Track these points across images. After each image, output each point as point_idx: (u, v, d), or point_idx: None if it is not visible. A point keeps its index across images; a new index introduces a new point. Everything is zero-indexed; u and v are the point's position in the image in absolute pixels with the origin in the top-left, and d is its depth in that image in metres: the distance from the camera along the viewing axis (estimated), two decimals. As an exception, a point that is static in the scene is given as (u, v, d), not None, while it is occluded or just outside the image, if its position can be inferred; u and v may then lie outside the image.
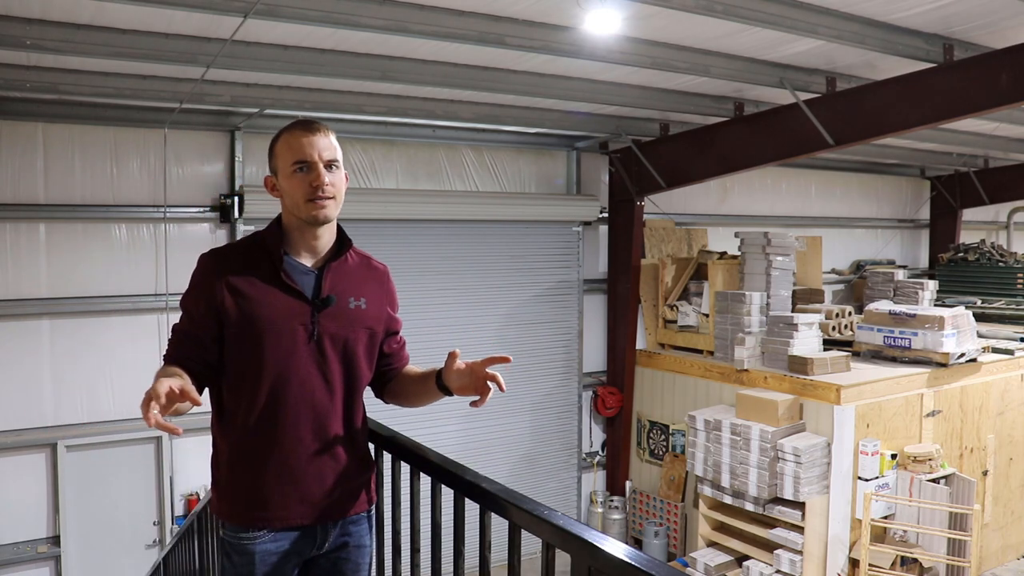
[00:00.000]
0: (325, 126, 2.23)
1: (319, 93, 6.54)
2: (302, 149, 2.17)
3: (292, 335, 2.19)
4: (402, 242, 7.84)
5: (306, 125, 2.21)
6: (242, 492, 2.23)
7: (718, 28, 5.16)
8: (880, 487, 6.84)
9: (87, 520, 6.69)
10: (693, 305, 8.77)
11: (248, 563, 2.23)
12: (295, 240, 2.26)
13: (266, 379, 2.18)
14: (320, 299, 2.23)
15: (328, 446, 2.26)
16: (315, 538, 2.28)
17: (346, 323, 2.28)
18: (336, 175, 2.22)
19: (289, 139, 2.20)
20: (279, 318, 2.16)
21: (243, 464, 2.22)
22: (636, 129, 8.24)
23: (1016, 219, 13.28)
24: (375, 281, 2.42)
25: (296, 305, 2.20)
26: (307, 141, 2.18)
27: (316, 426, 2.24)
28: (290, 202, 2.22)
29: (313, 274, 2.27)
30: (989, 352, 8.14)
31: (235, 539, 2.25)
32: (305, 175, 2.17)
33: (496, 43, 5.01)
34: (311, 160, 2.17)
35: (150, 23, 4.81)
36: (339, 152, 2.25)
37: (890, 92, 6.07)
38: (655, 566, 1.51)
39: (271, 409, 2.18)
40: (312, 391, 2.22)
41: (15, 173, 6.33)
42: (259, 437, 2.19)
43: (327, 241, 2.30)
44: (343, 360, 2.28)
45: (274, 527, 2.23)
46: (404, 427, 2.83)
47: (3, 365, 6.37)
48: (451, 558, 2.27)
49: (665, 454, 8.61)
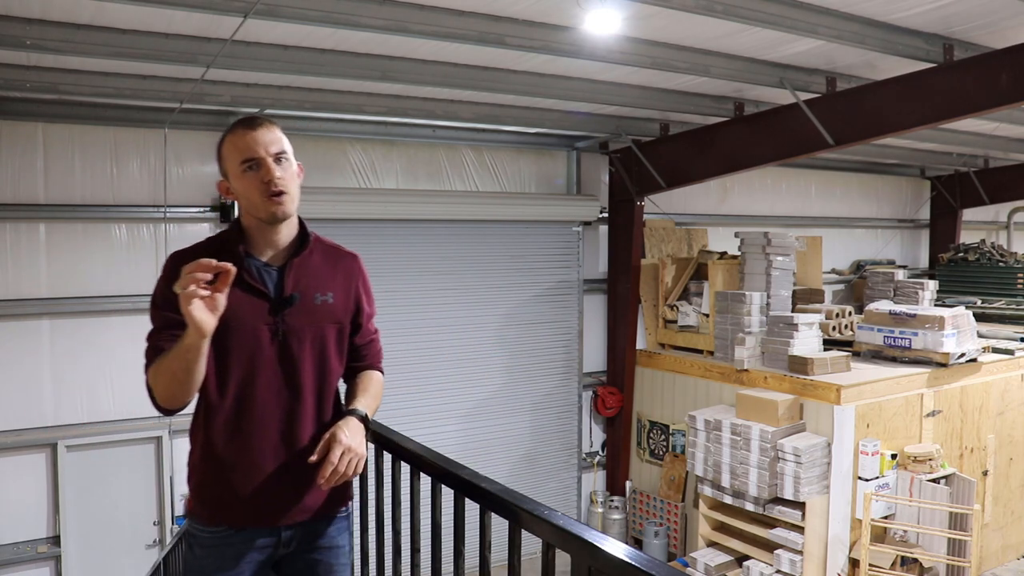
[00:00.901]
0: (269, 120, 2.20)
1: (319, 93, 6.54)
2: (247, 147, 2.14)
3: (256, 335, 2.17)
4: (402, 242, 7.84)
5: (248, 122, 2.18)
6: (208, 491, 2.25)
7: (718, 28, 5.15)
8: (880, 487, 6.84)
9: (87, 520, 6.69)
10: (693, 305, 8.77)
11: (209, 556, 2.24)
12: (255, 239, 2.23)
13: (232, 380, 2.17)
14: (283, 297, 2.21)
15: (297, 445, 2.23)
16: (280, 537, 2.27)
17: (313, 320, 2.25)
18: (286, 168, 2.18)
19: (233, 139, 2.17)
20: (243, 318, 2.14)
21: (210, 464, 2.23)
22: (636, 129, 8.24)
23: (1016, 219, 13.28)
24: (343, 272, 2.36)
25: (260, 304, 2.18)
26: (251, 138, 2.14)
27: (284, 426, 2.22)
28: (246, 203, 2.18)
29: (275, 272, 2.24)
30: (989, 352, 8.14)
31: (198, 532, 2.27)
32: (255, 173, 2.14)
33: (496, 43, 5.01)
34: (258, 156, 2.13)
35: (150, 23, 4.81)
36: (287, 144, 2.21)
37: (890, 92, 6.07)
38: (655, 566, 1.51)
39: (238, 410, 2.19)
40: (279, 390, 2.20)
41: (15, 173, 6.33)
42: (226, 437, 2.20)
43: (287, 236, 2.26)
44: (312, 357, 2.25)
45: (237, 525, 2.23)
46: (404, 427, 2.83)
47: (3, 365, 6.37)
48: (451, 558, 2.27)
49: (665, 454, 8.61)
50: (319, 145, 7.50)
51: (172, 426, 6.85)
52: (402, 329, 7.78)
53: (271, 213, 2.15)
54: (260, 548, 2.26)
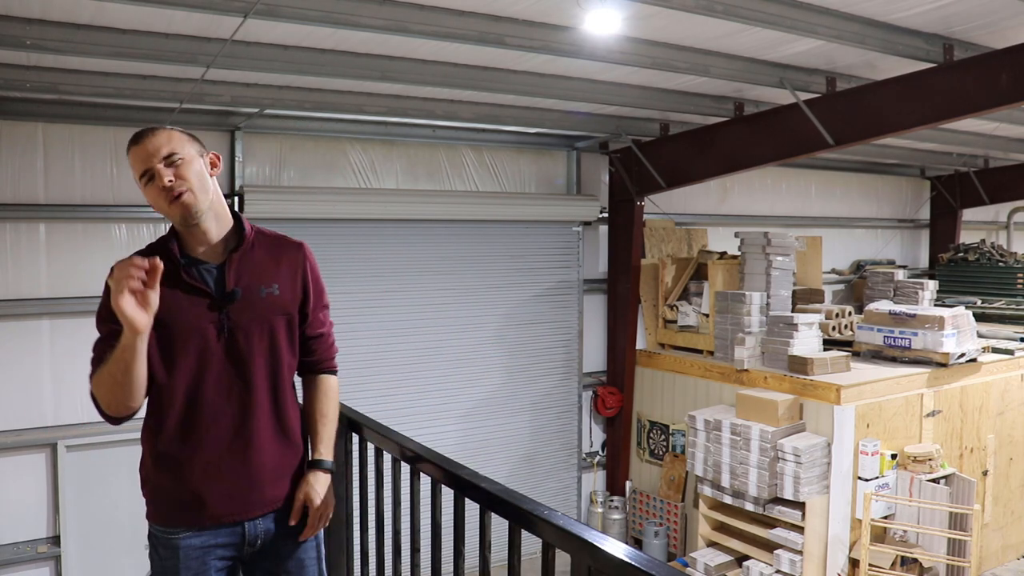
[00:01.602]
0: (158, 127, 2.23)
1: (319, 93, 6.53)
2: (139, 161, 2.20)
3: (202, 334, 2.18)
4: (402, 242, 7.84)
5: (135, 138, 2.22)
6: (163, 494, 2.24)
7: (718, 28, 5.15)
8: (880, 487, 6.84)
9: (87, 520, 6.69)
10: (693, 305, 8.77)
11: (172, 556, 2.22)
12: (187, 239, 2.24)
13: (181, 382, 2.17)
14: (225, 293, 2.21)
15: (253, 441, 2.23)
16: (243, 534, 2.27)
17: (259, 314, 2.25)
18: (182, 167, 2.18)
19: (129, 157, 2.23)
20: (186, 318, 2.15)
21: (163, 467, 2.22)
22: (636, 129, 8.24)
23: (1016, 219, 13.28)
24: (288, 263, 2.34)
25: (202, 303, 2.18)
26: (139, 151, 2.20)
27: (237, 422, 2.22)
28: (159, 212, 2.23)
29: (216, 269, 2.23)
30: (989, 352, 8.14)
31: (160, 533, 2.26)
32: (153, 184, 2.18)
33: (496, 43, 5.00)
34: (149, 167, 2.17)
35: (150, 23, 4.81)
36: (180, 143, 2.21)
37: (890, 92, 6.07)
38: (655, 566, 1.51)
39: (189, 411, 2.18)
40: (229, 387, 2.20)
41: (15, 173, 6.33)
42: (179, 439, 2.19)
43: (218, 233, 2.25)
44: (262, 351, 2.25)
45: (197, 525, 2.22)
46: (404, 427, 2.84)
47: (3, 365, 6.37)
48: (451, 558, 2.27)
49: (665, 454, 8.61)
50: (319, 145, 7.50)
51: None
52: (402, 329, 7.79)
53: (177, 215, 2.18)
54: (224, 546, 2.26)
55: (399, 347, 7.80)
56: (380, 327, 7.68)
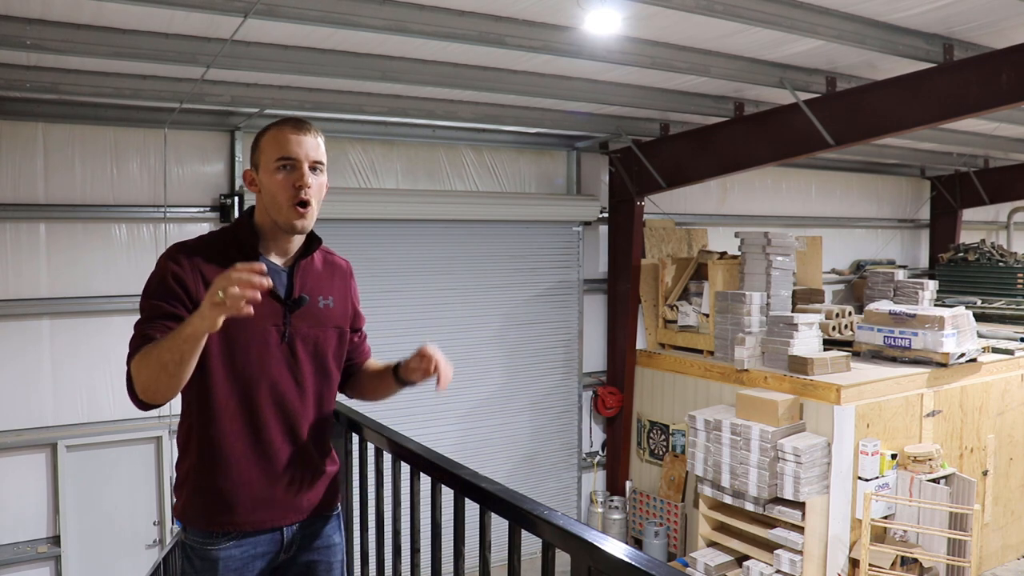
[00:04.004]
0: (316, 128, 2.18)
1: (319, 93, 6.54)
2: (288, 146, 2.10)
3: (264, 336, 2.14)
4: (402, 242, 7.84)
5: (296, 123, 2.15)
6: (210, 496, 2.17)
7: (718, 28, 5.15)
8: (880, 487, 6.84)
9: (87, 520, 6.69)
10: (693, 305, 8.77)
11: (210, 569, 2.17)
12: (267, 239, 2.19)
13: (237, 381, 2.13)
14: (293, 299, 2.18)
15: (298, 448, 2.22)
16: (282, 541, 2.26)
17: (317, 323, 2.24)
18: (319, 179, 2.15)
19: (277, 135, 2.13)
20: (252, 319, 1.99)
21: (212, 468, 2.16)
22: (636, 129, 8.24)
23: (1016, 219, 13.28)
24: (339, 278, 2.37)
25: (269, 305, 2.12)
26: (295, 139, 2.11)
27: (286, 428, 2.20)
28: (269, 201, 2.14)
29: (284, 273, 2.21)
30: (989, 352, 8.14)
31: (198, 544, 2.19)
32: (288, 174, 2.11)
33: (496, 43, 5.00)
34: (297, 158, 2.10)
35: (150, 23, 4.81)
36: (325, 157, 2.19)
37: (890, 92, 6.07)
38: (655, 566, 1.51)
39: (242, 412, 2.14)
40: (283, 393, 2.18)
41: (15, 173, 6.33)
42: (229, 440, 2.14)
43: (299, 240, 2.24)
44: (314, 361, 2.24)
45: (242, 531, 2.18)
46: (404, 427, 2.83)
47: (3, 365, 6.37)
48: (451, 558, 2.27)
49: (665, 454, 8.61)
50: (319, 145, 7.49)
51: (172, 426, 6.86)
52: (402, 329, 7.78)
53: (291, 224, 2.13)
54: (263, 555, 2.23)
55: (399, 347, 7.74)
56: (380, 327, 7.61)
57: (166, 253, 2.12)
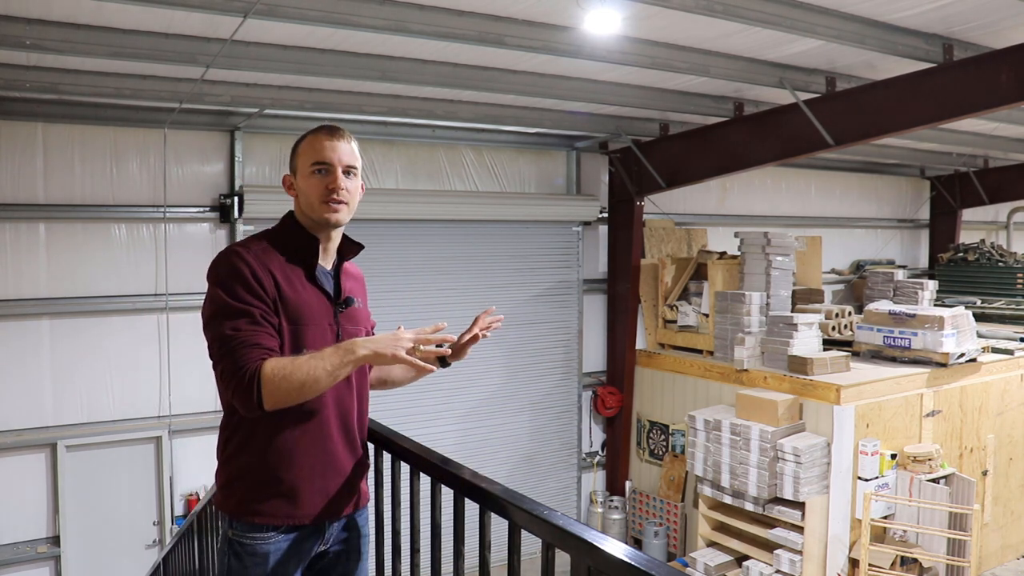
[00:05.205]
0: (349, 134, 2.32)
1: (319, 93, 6.54)
2: (323, 151, 2.24)
3: (323, 334, 2.25)
4: (402, 242, 7.84)
5: (331, 130, 2.29)
6: (275, 489, 2.20)
7: (718, 28, 5.16)
8: (880, 487, 6.84)
9: (87, 520, 6.69)
10: (693, 305, 8.77)
11: (260, 564, 2.21)
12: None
13: None
14: (342, 299, 2.33)
15: (350, 442, 2.33)
16: (323, 533, 2.32)
17: (356, 322, 2.38)
18: (352, 182, 2.31)
19: (313, 141, 2.27)
20: (316, 316, 2.22)
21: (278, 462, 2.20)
22: (636, 129, 8.24)
23: (1016, 219, 13.28)
24: (361, 282, 2.55)
25: (326, 305, 2.27)
26: (329, 144, 2.25)
27: (341, 422, 2.30)
28: (304, 202, 2.27)
29: (331, 275, 2.35)
30: (989, 352, 8.14)
31: (247, 539, 2.22)
32: (322, 178, 2.24)
33: (496, 43, 5.01)
34: (330, 163, 2.24)
35: (150, 23, 4.81)
36: (359, 161, 2.34)
37: (890, 92, 6.07)
38: (655, 566, 1.51)
39: (309, 407, 2.19)
40: (339, 387, 2.25)
41: (15, 173, 6.33)
42: (297, 435, 2.21)
43: (336, 244, 2.39)
44: None
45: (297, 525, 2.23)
46: (404, 427, 2.83)
47: (3, 365, 6.37)
48: (451, 558, 2.27)
49: (665, 454, 8.61)
50: (319, 145, 7.49)
51: (172, 426, 6.86)
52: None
53: (325, 218, 2.25)
54: (309, 547, 2.30)
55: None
56: (379, 327, 7.66)
57: (235, 254, 2.16)
